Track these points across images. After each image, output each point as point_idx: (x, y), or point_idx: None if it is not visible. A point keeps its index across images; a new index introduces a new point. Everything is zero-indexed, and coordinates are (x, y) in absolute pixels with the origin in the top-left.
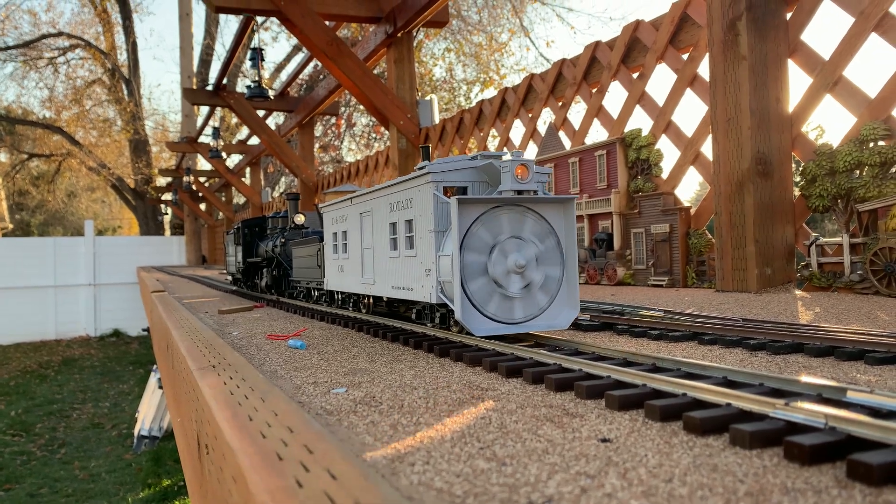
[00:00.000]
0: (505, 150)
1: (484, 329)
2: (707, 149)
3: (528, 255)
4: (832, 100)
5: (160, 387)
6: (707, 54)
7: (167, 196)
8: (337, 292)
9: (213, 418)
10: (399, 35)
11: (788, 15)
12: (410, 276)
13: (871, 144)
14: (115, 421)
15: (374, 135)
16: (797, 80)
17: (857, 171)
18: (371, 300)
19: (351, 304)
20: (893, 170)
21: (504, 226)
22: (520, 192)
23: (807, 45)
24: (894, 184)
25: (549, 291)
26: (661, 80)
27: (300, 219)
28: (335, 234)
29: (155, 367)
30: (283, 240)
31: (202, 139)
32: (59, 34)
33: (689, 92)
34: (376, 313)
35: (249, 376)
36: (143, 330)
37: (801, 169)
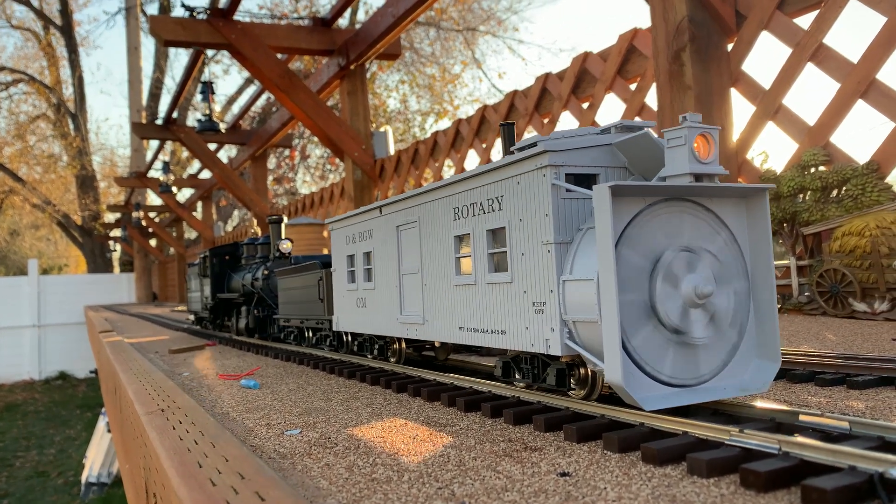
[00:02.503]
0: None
1: (656, 399)
2: None
3: (707, 273)
4: (774, 127)
5: (109, 430)
6: (654, 84)
7: (116, 232)
8: (351, 334)
9: (160, 465)
10: (352, 67)
11: (730, 46)
12: (499, 312)
13: (813, 170)
14: (62, 468)
15: (328, 166)
16: (740, 109)
17: (801, 196)
18: (403, 345)
19: (375, 351)
20: (834, 194)
21: (668, 232)
22: (698, 178)
23: (748, 74)
24: (836, 207)
25: (738, 327)
26: (610, 110)
27: (286, 246)
28: (351, 257)
29: (104, 409)
30: (265, 271)
31: (152, 174)
32: (2, 69)
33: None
34: (412, 363)
35: (200, 420)
36: (91, 372)
37: None
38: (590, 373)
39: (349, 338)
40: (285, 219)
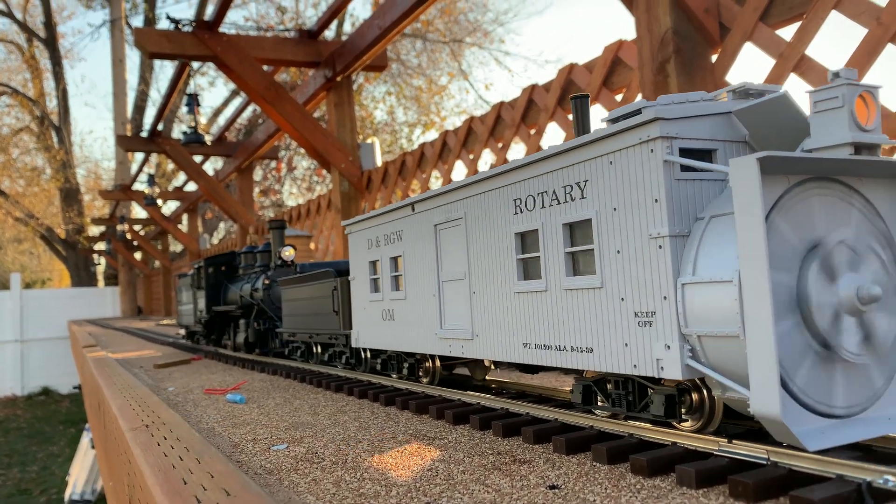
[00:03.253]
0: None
1: (818, 435)
2: None
3: (875, 275)
4: None
5: (93, 446)
6: (639, 95)
7: (100, 246)
8: (373, 351)
9: (144, 483)
10: (339, 79)
11: (714, 57)
12: (582, 325)
13: None
14: (45, 485)
15: (315, 178)
16: None
17: None
18: (438, 364)
19: (404, 370)
20: None
21: (823, 221)
22: (858, 150)
23: (732, 85)
24: None
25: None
26: (597, 121)
27: (289, 253)
28: (374, 263)
29: (87, 425)
30: (266, 280)
31: (137, 186)
32: None
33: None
34: (448, 384)
35: (185, 435)
36: (75, 387)
37: None
38: (708, 399)
39: (368, 354)
40: (287, 224)
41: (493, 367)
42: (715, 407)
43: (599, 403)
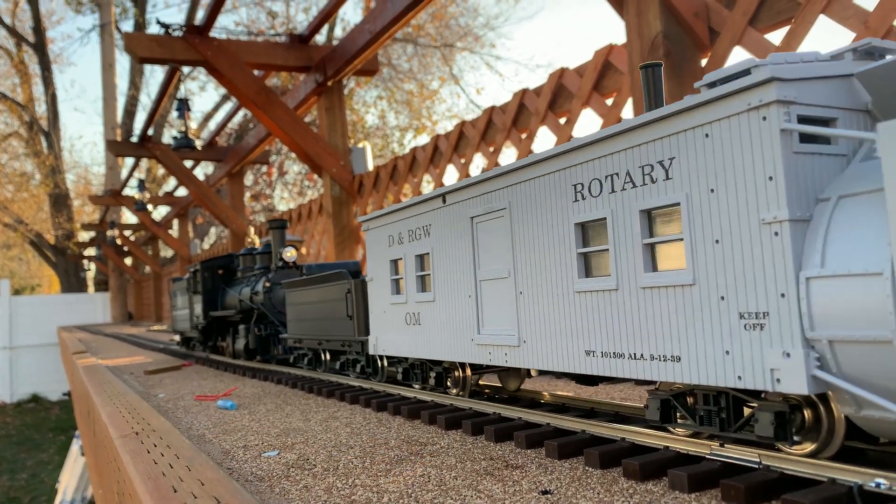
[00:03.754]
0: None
1: None
2: None
3: None
4: None
5: (83, 454)
6: (630, 99)
7: (90, 251)
8: (393, 359)
9: (134, 490)
10: (329, 84)
11: (703, 62)
12: (667, 329)
13: None
14: (34, 493)
15: (307, 182)
16: None
17: None
18: (469, 372)
19: (431, 379)
20: None
21: None
22: None
23: None
24: None
25: None
26: (587, 125)
27: (290, 254)
28: (396, 262)
29: (77, 433)
30: (266, 283)
31: (127, 191)
32: None
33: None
34: (481, 396)
35: (175, 442)
36: (65, 394)
37: None
38: (826, 418)
39: (384, 362)
40: (288, 224)
41: (534, 375)
42: (835, 427)
43: (680, 420)
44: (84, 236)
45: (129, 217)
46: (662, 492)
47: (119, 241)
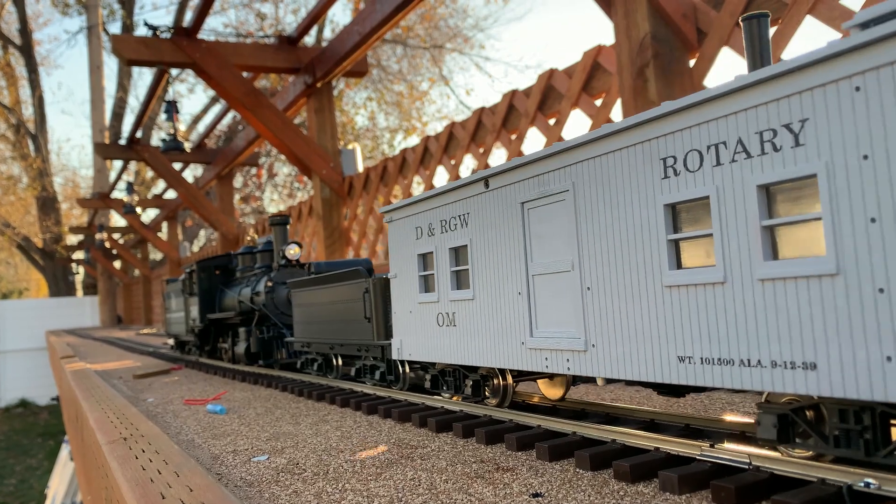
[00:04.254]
0: None
1: None
2: None
3: None
4: None
5: (72, 459)
6: (619, 100)
7: (79, 255)
8: (417, 364)
9: (122, 497)
10: (319, 85)
11: (692, 62)
12: (795, 329)
13: None
14: (23, 499)
15: (296, 184)
16: None
17: None
18: (510, 380)
19: (467, 388)
20: None
21: None
22: None
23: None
24: None
25: None
26: (576, 126)
27: (294, 251)
28: (426, 256)
29: (66, 437)
30: (269, 282)
31: (115, 194)
32: None
33: None
34: (521, 407)
35: (164, 448)
36: (53, 399)
37: None
38: None
39: (405, 368)
40: (290, 219)
41: (601, 384)
42: None
43: (800, 441)
44: (72, 239)
45: (117, 220)
46: (653, 493)
47: (108, 245)
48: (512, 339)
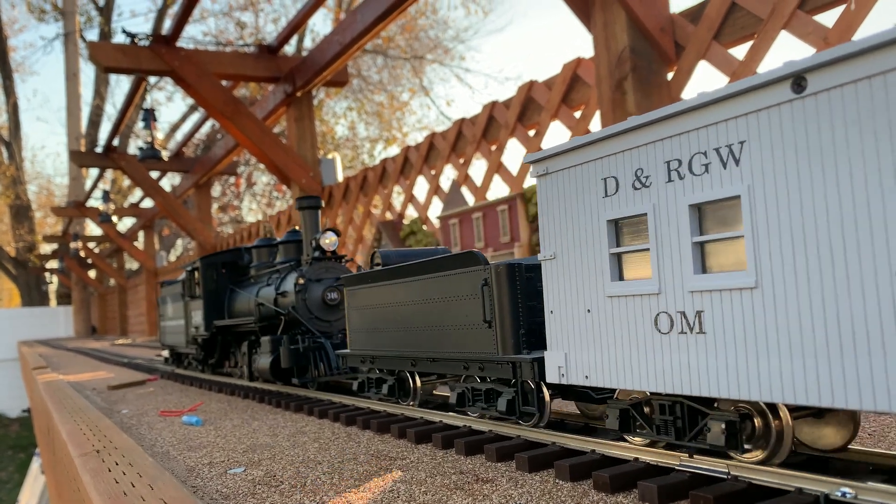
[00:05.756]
0: None
1: None
2: None
3: None
4: None
5: (43, 472)
6: (598, 112)
7: (52, 264)
8: (584, 391)
9: None
10: (299, 94)
11: (670, 75)
12: None
13: None
14: None
15: (275, 193)
16: None
17: None
18: (783, 423)
19: (707, 435)
20: None
21: None
22: None
23: None
24: None
25: None
26: (556, 137)
27: (330, 240)
28: (633, 222)
29: (38, 450)
30: (300, 280)
31: (91, 203)
32: None
33: None
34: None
35: (137, 460)
36: (24, 411)
37: None
38: None
39: (544, 396)
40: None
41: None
42: None
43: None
44: (46, 248)
45: (93, 229)
46: None
47: (83, 254)
48: (874, 357)
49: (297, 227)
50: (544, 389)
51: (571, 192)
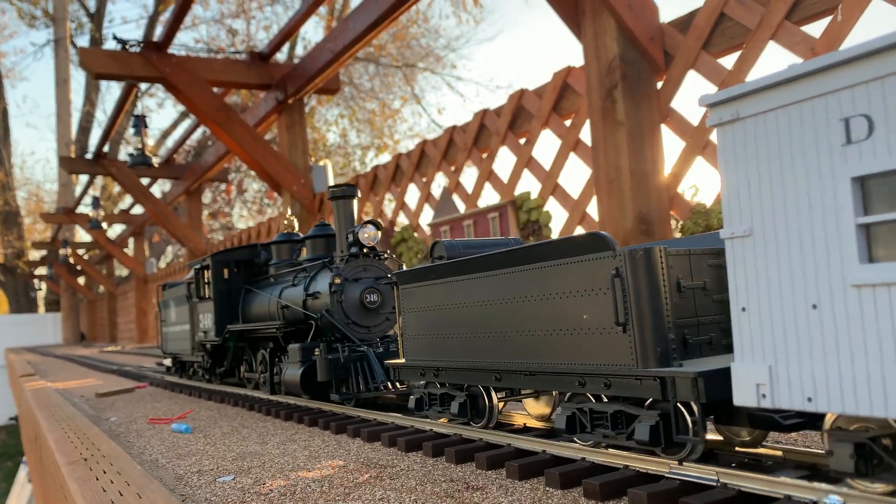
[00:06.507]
0: None
1: None
2: (592, 209)
3: None
4: (704, 161)
5: (30, 480)
6: (588, 120)
7: (41, 270)
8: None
9: None
10: (290, 101)
11: (659, 84)
12: None
13: None
14: None
15: (266, 200)
16: (671, 144)
17: None
18: None
19: None
20: None
21: None
22: None
23: (677, 111)
24: None
25: None
26: (546, 145)
27: (370, 233)
28: None
29: (24, 459)
30: (337, 279)
31: (81, 209)
32: None
33: (573, 156)
34: None
35: (126, 469)
36: (11, 419)
37: (679, 227)
38: None
39: (696, 420)
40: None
41: None
42: None
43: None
44: (35, 255)
45: (82, 235)
46: None
47: (72, 260)
48: None
49: (324, 221)
50: (695, 411)
51: (783, 142)
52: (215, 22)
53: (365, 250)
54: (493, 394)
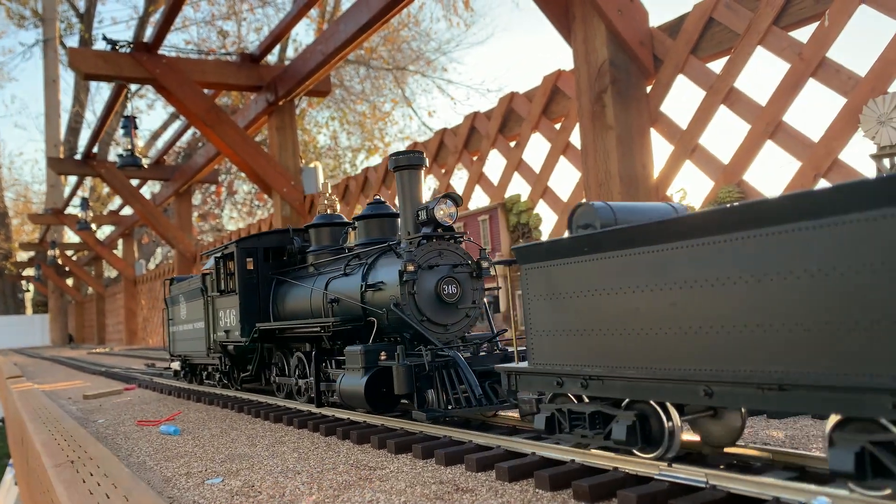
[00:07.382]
0: None
1: None
2: None
3: None
4: (692, 165)
5: (16, 483)
6: (577, 124)
7: (29, 271)
8: None
9: None
10: (281, 103)
11: (648, 88)
12: None
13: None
14: None
15: (256, 202)
16: (660, 148)
17: None
18: None
19: None
20: None
21: None
22: None
23: (666, 115)
24: None
25: None
26: (536, 148)
27: (448, 209)
28: None
29: (11, 461)
30: (411, 266)
31: (70, 210)
32: None
33: (562, 159)
34: None
35: (113, 471)
36: None
37: None
38: None
39: None
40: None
41: None
42: None
43: None
44: (23, 256)
45: (71, 236)
46: None
47: (60, 261)
48: None
49: (379, 198)
50: None
51: None
52: (206, 23)
53: (440, 230)
54: (674, 413)
